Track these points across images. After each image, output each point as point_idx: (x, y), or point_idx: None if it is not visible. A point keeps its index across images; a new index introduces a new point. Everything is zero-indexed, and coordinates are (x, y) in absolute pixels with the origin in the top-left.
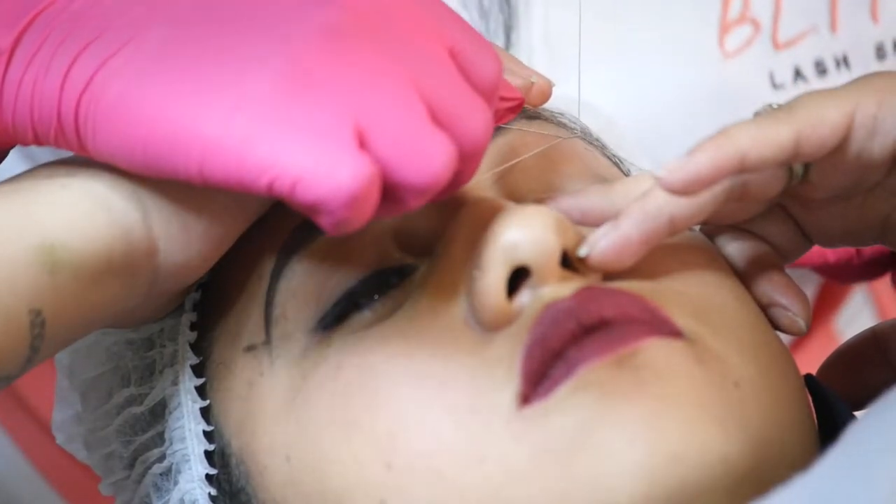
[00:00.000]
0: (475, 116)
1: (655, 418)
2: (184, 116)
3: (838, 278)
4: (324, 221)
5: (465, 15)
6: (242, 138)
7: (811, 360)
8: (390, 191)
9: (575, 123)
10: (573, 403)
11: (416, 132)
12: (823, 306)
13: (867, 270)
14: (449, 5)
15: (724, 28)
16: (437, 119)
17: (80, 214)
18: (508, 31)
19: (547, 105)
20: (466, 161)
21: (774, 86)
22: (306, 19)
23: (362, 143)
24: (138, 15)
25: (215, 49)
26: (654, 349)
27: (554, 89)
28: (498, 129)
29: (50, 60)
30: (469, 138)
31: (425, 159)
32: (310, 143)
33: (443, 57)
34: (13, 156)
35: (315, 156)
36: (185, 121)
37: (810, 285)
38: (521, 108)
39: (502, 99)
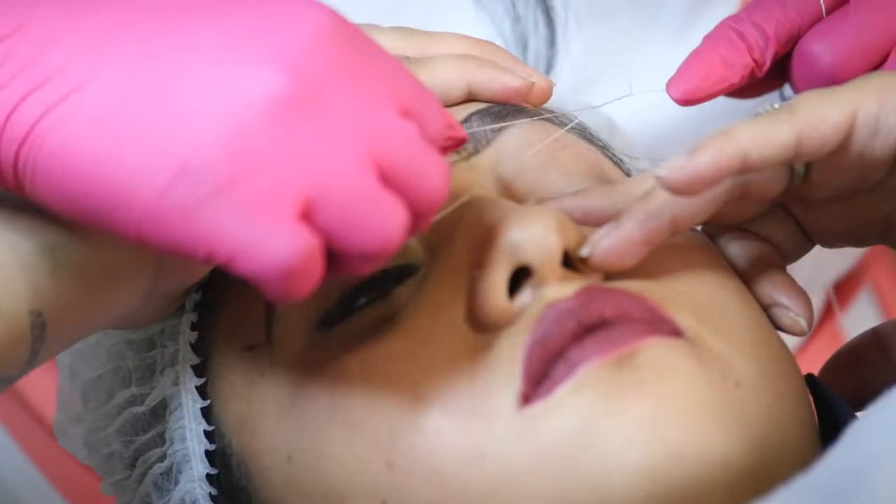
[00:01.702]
0: (431, 173)
1: (656, 418)
2: (124, 180)
3: (743, 95)
4: (266, 292)
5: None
6: (180, 207)
7: (817, 361)
8: (340, 258)
9: (576, 122)
10: (574, 403)
11: (364, 200)
12: (830, 307)
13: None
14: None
15: None
16: (391, 182)
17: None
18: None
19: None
20: (423, 217)
21: (783, 98)
22: (254, 85)
23: (308, 215)
24: (88, 61)
25: (160, 111)
26: (655, 349)
27: (554, 90)
28: (500, 130)
29: None
30: (426, 197)
31: (374, 227)
32: (248, 216)
33: (394, 116)
34: None
35: (252, 230)
36: (125, 185)
37: (817, 288)
38: (462, 144)
39: (446, 139)
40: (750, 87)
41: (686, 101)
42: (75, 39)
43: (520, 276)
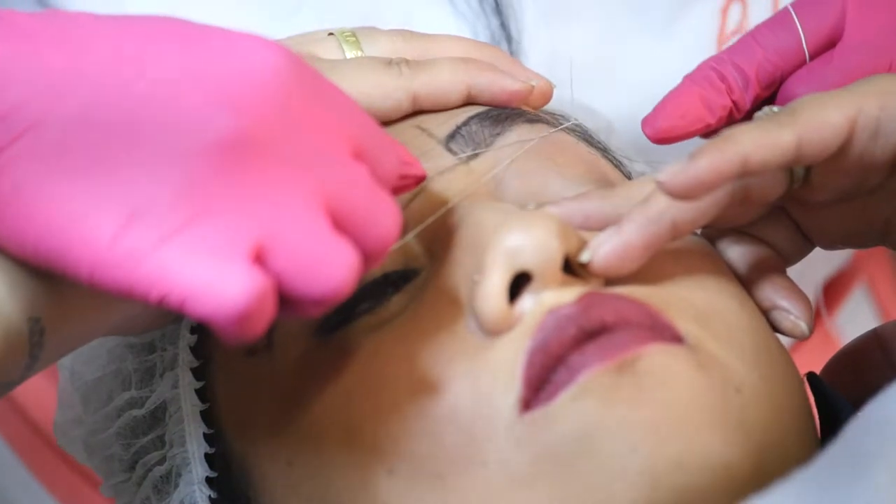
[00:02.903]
0: (382, 216)
1: (657, 424)
2: (75, 224)
3: None
4: (218, 333)
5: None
6: (132, 252)
7: (810, 359)
8: (290, 300)
9: (576, 124)
10: (575, 409)
11: (315, 245)
12: (824, 305)
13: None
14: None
15: (723, 39)
16: (342, 225)
17: None
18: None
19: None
20: (373, 259)
21: None
22: (205, 128)
23: (260, 259)
24: (37, 104)
25: (111, 152)
26: (656, 355)
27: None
28: (500, 134)
29: None
30: (376, 239)
31: (324, 272)
32: (200, 259)
33: (346, 158)
34: None
35: (203, 273)
36: (76, 229)
37: (811, 286)
38: (420, 181)
39: (402, 177)
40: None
41: (660, 140)
42: (29, 80)
43: (520, 282)
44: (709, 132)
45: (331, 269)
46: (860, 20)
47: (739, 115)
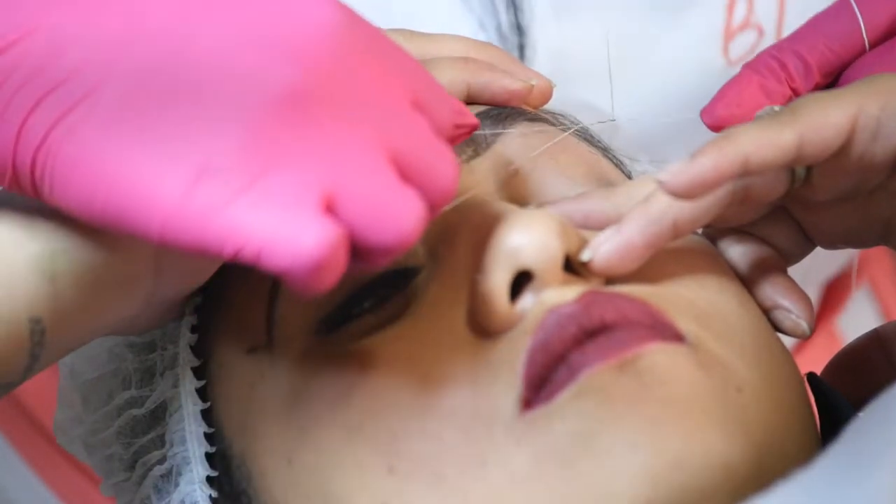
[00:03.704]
0: (443, 166)
1: (657, 424)
2: (144, 182)
3: None
4: (291, 285)
5: (482, 36)
6: (204, 207)
7: (813, 360)
8: (360, 251)
9: (577, 124)
10: (575, 408)
11: (384, 194)
12: (826, 306)
13: None
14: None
15: (729, 35)
16: (406, 174)
17: (82, 223)
18: (522, 49)
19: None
20: (435, 209)
21: None
22: (267, 82)
23: (330, 209)
24: (96, 67)
25: (174, 111)
26: (657, 354)
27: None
28: (499, 134)
29: (4, 109)
30: (439, 189)
31: (394, 221)
32: (273, 211)
33: (406, 109)
34: None
35: (278, 225)
36: (145, 187)
37: (813, 286)
38: (473, 129)
39: (457, 126)
40: None
41: (719, 128)
42: (86, 42)
43: (521, 281)
44: None
45: (400, 217)
46: None
47: None
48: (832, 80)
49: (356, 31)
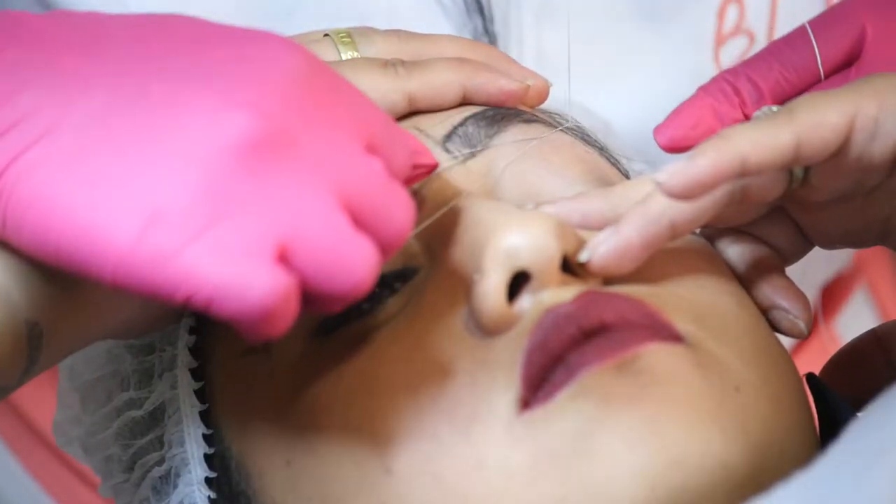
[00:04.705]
0: (398, 210)
1: (656, 423)
2: (97, 225)
3: None
4: (242, 331)
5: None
6: (156, 253)
7: (811, 361)
8: (312, 298)
9: (573, 123)
10: (573, 408)
11: (336, 243)
12: (824, 307)
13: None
14: (443, 27)
15: (720, 40)
16: (360, 221)
17: None
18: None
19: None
20: (389, 252)
21: None
22: (224, 129)
23: (284, 258)
24: (56, 106)
25: (129, 155)
26: (655, 354)
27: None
28: (497, 134)
29: None
30: (392, 233)
31: (347, 269)
32: (224, 259)
33: (361, 153)
34: None
35: (229, 273)
36: (99, 230)
37: (812, 287)
38: (432, 170)
39: (415, 167)
40: None
41: (672, 149)
42: (43, 84)
43: (519, 281)
44: None
45: (353, 265)
46: (880, 40)
47: None
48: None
49: (315, 75)
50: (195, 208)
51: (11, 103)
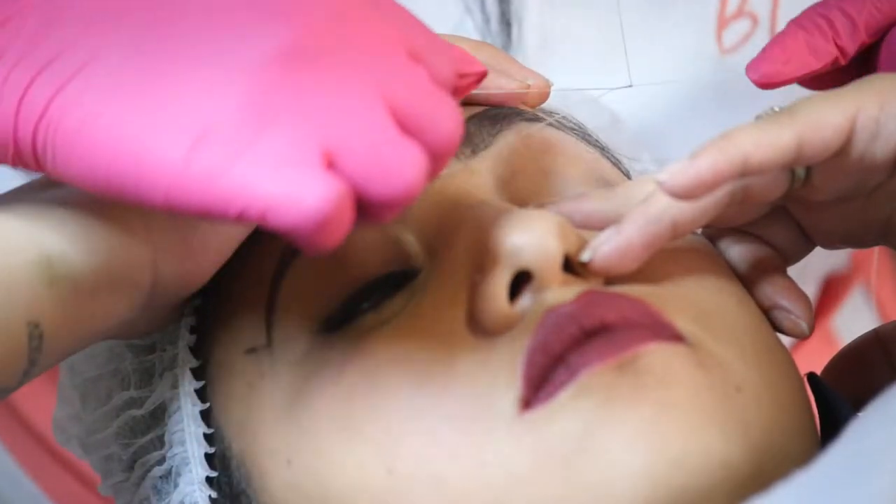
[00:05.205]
0: (444, 117)
1: (657, 423)
2: (147, 147)
3: (817, 84)
4: (299, 244)
5: (469, 20)
6: (208, 169)
7: (809, 359)
8: (364, 206)
9: (574, 123)
10: (575, 408)
11: (384, 147)
12: (822, 305)
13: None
14: (453, 10)
15: (722, 23)
16: (407, 127)
17: (80, 227)
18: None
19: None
20: (439, 161)
21: None
22: (259, 40)
23: (331, 165)
24: (93, 37)
25: (169, 77)
26: (656, 354)
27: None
28: (499, 133)
29: (3, 83)
30: (440, 140)
31: (396, 173)
32: (276, 170)
33: (404, 61)
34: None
35: (282, 183)
36: (149, 152)
37: (810, 285)
38: (482, 79)
39: (462, 76)
40: (827, 77)
41: (765, 84)
42: (75, 17)
43: (520, 281)
44: (814, 78)
45: (402, 168)
46: None
47: (844, 62)
48: (878, 38)
49: None
50: (240, 123)
51: (47, 38)
